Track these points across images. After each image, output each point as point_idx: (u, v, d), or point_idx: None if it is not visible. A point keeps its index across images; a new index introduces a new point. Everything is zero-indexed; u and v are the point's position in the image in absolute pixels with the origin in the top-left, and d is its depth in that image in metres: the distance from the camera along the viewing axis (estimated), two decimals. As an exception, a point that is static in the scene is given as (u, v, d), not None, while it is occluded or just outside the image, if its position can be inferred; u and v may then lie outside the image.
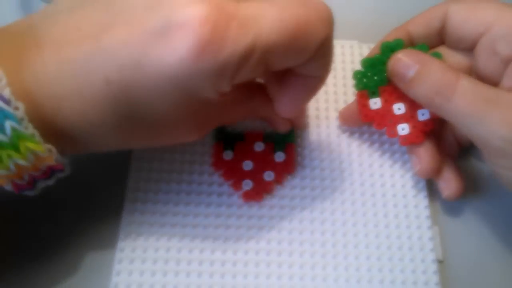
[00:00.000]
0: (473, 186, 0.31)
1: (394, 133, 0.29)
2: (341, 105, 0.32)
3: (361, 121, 0.30)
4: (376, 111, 0.29)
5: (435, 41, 0.30)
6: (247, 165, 0.30)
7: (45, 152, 0.22)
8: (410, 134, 0.29)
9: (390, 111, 0.29)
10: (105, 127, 0.22)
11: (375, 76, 0.29)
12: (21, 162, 0.21)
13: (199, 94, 0.22)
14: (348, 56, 0.34)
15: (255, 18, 0.21)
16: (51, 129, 0.22)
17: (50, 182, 0.24)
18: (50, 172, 0.23)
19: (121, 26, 0.21)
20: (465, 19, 0.28)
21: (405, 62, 0.27)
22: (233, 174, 0.30)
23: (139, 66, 0.21)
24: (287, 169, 0.30)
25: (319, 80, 0.25)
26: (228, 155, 0.30)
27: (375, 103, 0.29)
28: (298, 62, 0.23)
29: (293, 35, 0.21)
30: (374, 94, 0.29)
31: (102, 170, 0.30)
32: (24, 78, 0.21)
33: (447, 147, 0.31)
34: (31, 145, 0.21)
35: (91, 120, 0.22)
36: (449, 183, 0.29)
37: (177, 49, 0.20)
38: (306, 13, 0.22)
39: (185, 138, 0.26)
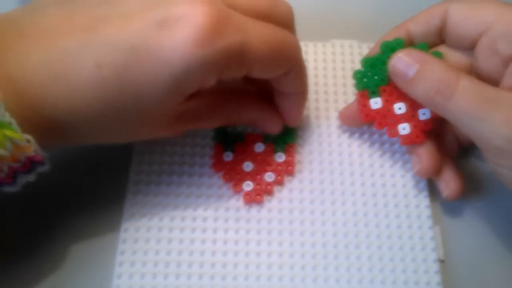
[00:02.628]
0: (474, 186, 0.30)
1: (395, 133, 0.29)
2: (341, 105, 0.32)
3: (361, 121, 0.30)
4: (377, 111, 0.29)
5: (435, 40, 0.29)
6: (248, 166, 0.30)
7: (23, 141, 0.21)
8: (410, 133, 0.28)
9: (390, 110, 0.29)
10: (91, 116, 0.22)
11: (376, 76, 0.29)
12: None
13: (187, 87, 0.23)
14: (347, 56, 0.34)
15: (245, 24, 0.23)
16: (34, 118, 0.22)
17: (31, 177, 0.23)
18: (30, 164, 0.23)
19: (118, 19, 0.22)
20: (465, 18, 0.28)
21: (406, 61, 0.27)
22: (233, 176, 0.29)
23: (135, 51, 0.22)
24: (287, 169, 0.30)
25: (300, 96, 0.29)
26: (228, 156, 0.30)
27: (376, 103, 0.29)
28: (274, 74, 0.26)
29: (273, 50, 0.24)
30: (374, 93, 0.29)
31: (101, 173, 0.30)
32: (4, 63, 0.21)
33: (448, 147, 0.30)
34: (8, 132, 0.21)
35: (77, 106, 0.22)
36: (448, 183, 0.29)
37: (176, 37, 0.21)
38: (283, 36, 0.25)
39: (158, 134, 0.27)
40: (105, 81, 0.22)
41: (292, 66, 0.26)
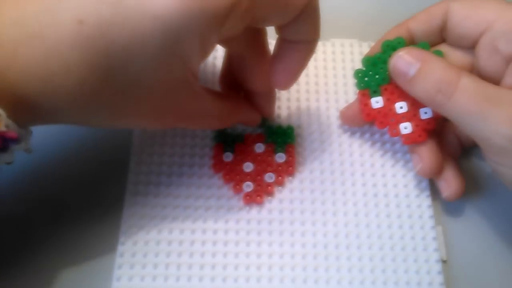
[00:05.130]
0: (476, 185, 0.30)
1: (396, 132, 0.29)
2: (342, 105, 0.32)
3: (362, 121, 0.30)
4: (378, 110, 0.29)
5: (436, 39, 0.29)
6: (248, 166, 0.29)
7: None
8: (412, 133, 0.28)
9: (392, 110, 0.29)
10: (71, 84, 0.19)
11: (377, 75, 0.29)
12: None
13: (184, 48, 0.20)
14: (348, 55, 0.34)
15: None
16: (4, 87, 0.19)
17: (8, 157, 0.21)
18: (2, 141, 0.20)
19: None
20: (466, 16, 0.28)
21: (407, 60, 0.27)
22: (233, 176, 0.29)
23: (122, 4, 0.19)
24: (288, 170, 0.30)
25: (310, 46, 0.25)
26: (228, 156, 0.30)
27: (377, 102, 0.29)
28: (283, 18, 0.23)
29: None
30: (375, 93, 0.29)
31: (101, 178, 0.30)
32: None
33: (449, 146, 0.30)
34: None
35: (54, 71, 0.19)
36: (449, 183, 0.29)
37: None
38: None
39: (145, 123, 0.24)
40: (87, 40, 0.19)
41: (304, 6, 0.22)
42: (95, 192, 0.29)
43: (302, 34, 0.24)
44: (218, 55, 0.33)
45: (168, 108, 0.23)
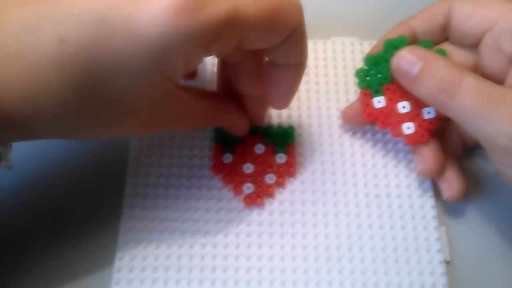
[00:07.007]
0: (480, 186, 0.30)
1: (399, 132, 0.28)
2: (343, 104, 0.32)
3: (364, 121, 0.29)
4: (380, 110, 0.29)
5: (439, 37, 0.29)
6: (248, 168, 0.29)
7: None
8: (415, 133, 0.28)
9: (394, 109, 0.28)
10: (52, 103, 0.19)
11: (379, 74, 0.28)
12: None
13: (168, 66, 0.20)
14: (348, 54, 0.34)
15: None
16: None
17: None
18: None
19: None
20: (469, 15, 0.27)
21: (409, 59, 0.26)
22: (233, 178, 0.29)
23: (105, 23, 0.19)
24: (288, 171, 0.29)
25: (298, 69, 0.25)
26: (227, 158, 0.29)
27: (379, 101, 0.29)
28: (271, 42, 0.23)
29: (268, 13, 0.21)
30: (377, 92, 0.29)
31: (99, 182, 0.29)
32: None
33: (452, 146, 0.30)
34: None
35: (35, 91, 0.19)
36: (450, 184, 0.28)
37: (154, 5, 0.19)
38: None
39: (131, 133, 0.25)
40: (69, 59, 0.19)
41: (292, 30, 0.23)
42: (93, 195, 0.29)
43: (290, 57, 0.25)
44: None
45: (153, 117, 0.23)
